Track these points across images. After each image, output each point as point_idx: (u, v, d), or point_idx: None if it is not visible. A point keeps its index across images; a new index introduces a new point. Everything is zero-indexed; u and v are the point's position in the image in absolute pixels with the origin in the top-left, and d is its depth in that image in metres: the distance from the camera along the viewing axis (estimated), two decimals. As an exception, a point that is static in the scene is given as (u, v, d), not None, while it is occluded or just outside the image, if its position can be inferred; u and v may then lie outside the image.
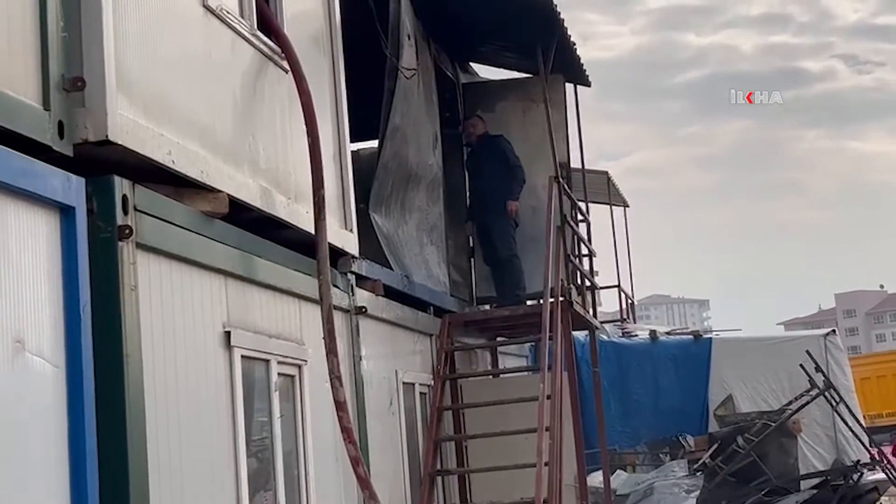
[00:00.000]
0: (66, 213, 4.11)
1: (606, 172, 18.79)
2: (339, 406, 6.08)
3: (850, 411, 14.13)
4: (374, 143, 10.23)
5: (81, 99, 4.39)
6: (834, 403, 13.83)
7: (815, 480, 13.63)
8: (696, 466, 13.73)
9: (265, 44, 6.50)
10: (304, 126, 6.58)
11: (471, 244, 12.46)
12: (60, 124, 4.26)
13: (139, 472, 4.36)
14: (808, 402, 13.77)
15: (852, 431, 14.28)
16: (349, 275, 7.73)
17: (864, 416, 16.51)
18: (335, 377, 6.09)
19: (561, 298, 10.32)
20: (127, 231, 4.42)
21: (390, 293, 8.79)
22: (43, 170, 4.00)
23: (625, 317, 18.84)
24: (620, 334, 16.43)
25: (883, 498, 13.97)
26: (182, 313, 5.01)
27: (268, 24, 6.58)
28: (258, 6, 6.48)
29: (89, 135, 4.39)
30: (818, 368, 13.78)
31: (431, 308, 10.16)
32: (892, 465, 13.95)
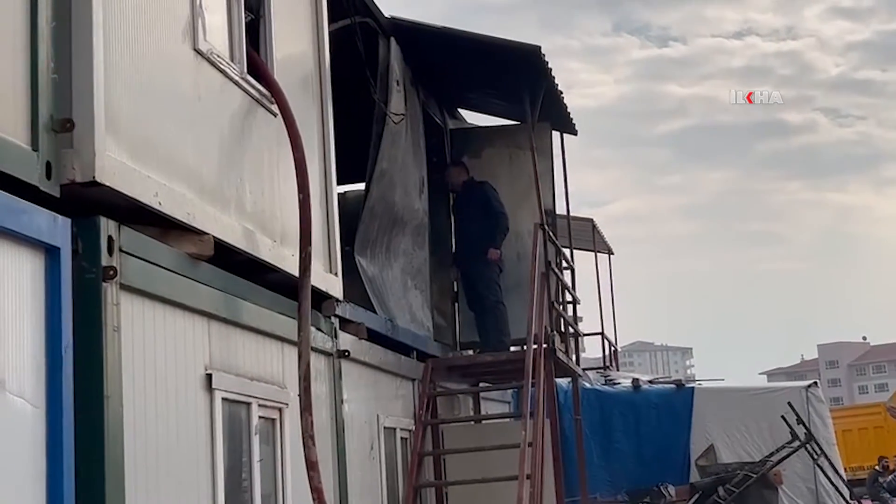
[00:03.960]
0: (51, 253, 4.11)
1: (591, 220, 18.85)
2: (311, 466, 6.02)
3: (832, 464, 14.14)
4: (361, 186, 10.28)
5: (70, 140, 4.41)
6: (815, 456, 13.84)
7: (796, 533, 13.60)
8: (676, 516, 13.70)
9: (254, 87, 6.55)
10: (291, 169, 6.62)
11: (455, 289, 12.48)
12: (48, 165, 4.27)
13: (116, 514, 4.33)
14: (789, 454, 13.77)
15: (833, 484, 14.28)
16: (333, 318, 7.74)
17: (845, 469, 16.50)
18: (308, 436, 6.03)
19: (544, 345, 10.33)
20: (111, 272, 4.43)
21: (373, 337, 8.79)
22: (29, 209, 4.01)
23: (608, 364, 18.82)
24: (603, 382, 16.40)
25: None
26: (164, 355, 5.01)
27: (259, 71, 6.64)
28: (248, 52, 6.53)
29: (77, 176, 4.41)
30: (800, 420, 13.80)
31: (414, 352, 10.16)
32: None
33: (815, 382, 15.73)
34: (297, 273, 6.45)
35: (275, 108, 6.73)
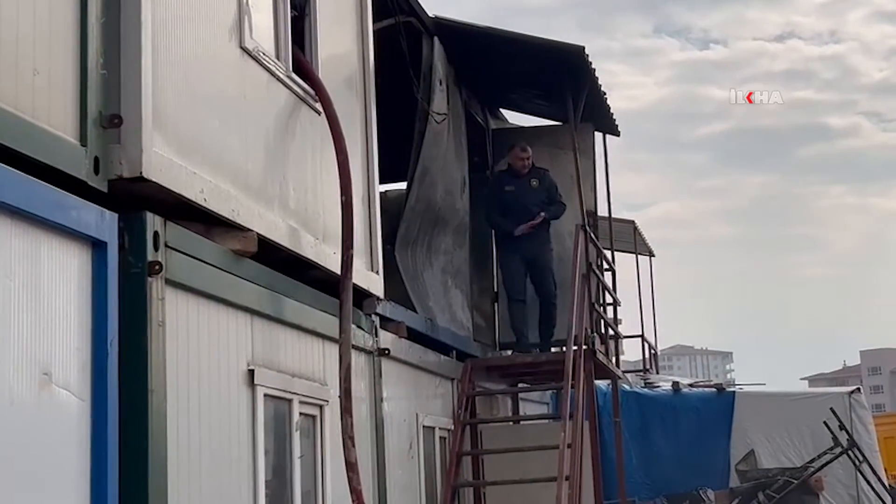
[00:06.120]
0: (98, 247, 4.16)
1: (633, 221, 18.75)
2: (350, 467, 6.02)
3: (874, 471, 13.96)
4: (402, 185, 10.30)
5: (117, 136, 4.45)
6: (857, 462, 13.68)
7: (837, 540, 13.46)
8: (715, 521, 13.58)
9: (299, 86, 6.57)
10: (334, 166, 6.65)
11: (495, 289, 12.45)
12: (96, 160, 4.31)
13: (159, 507, 4.36)
14: (831, 460, 13.62)
15: (875, 491, 14.10)
16: (373, 316, 7.75)
17: (887, 476, 16.29)
18: (348, 437, 6.04)
19: (584, 347, 10.29)
20: (157, 267, 4.46)
21: (413, 336, 8.80)
22: (77, 204, 4.05)
23: (647, 367, 18.72)
24: (643, 385, 16.29)
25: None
26: (207, 350, 5.04)
27: (303, 69, 6.66)
28: (293, 50, 6.56)
29: (124, 171, 4.44)
30: (842, 426, 13.64)
31: (454, 352, 10.15)
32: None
33: (859, 388, 15.54)
34: (338, 270, 6.47)
35: (319, 106, 6.75)
